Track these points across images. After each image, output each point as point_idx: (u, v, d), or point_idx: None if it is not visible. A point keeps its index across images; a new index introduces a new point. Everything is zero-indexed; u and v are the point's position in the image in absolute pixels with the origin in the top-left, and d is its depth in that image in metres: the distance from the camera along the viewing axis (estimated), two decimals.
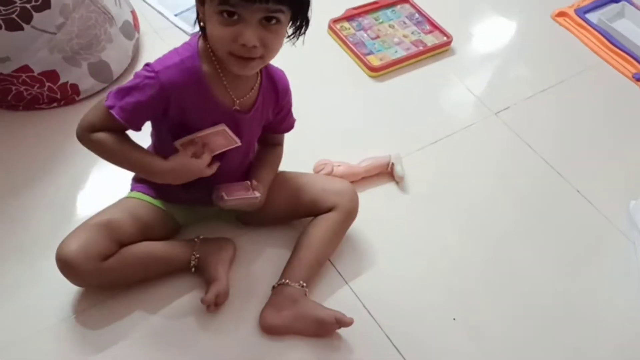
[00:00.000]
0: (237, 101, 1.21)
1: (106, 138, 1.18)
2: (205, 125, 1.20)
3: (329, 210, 1.37)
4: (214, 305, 1.27)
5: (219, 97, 1.19)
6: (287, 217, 1.45)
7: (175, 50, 1.18)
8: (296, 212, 1.43)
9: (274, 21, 1.08)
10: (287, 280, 1.30)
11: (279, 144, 1.42)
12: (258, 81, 1.24)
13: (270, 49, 1.12)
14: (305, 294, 1.31)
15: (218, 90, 1.18)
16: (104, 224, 1.23)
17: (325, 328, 1.28)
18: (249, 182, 1.30)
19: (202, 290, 1.30)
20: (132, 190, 1.37)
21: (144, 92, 1.14)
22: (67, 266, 1.18)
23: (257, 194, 1.28)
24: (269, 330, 1.28)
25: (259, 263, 1.40)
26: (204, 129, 1.20)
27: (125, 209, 1.29)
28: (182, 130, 1.21)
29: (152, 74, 1.13)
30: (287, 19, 1.10)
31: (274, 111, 1.32)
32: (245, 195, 1.28)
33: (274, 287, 1.32)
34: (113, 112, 1.14)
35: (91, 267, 1.18)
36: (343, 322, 1.26)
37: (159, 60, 1.16)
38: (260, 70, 1.25)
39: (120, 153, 1.20)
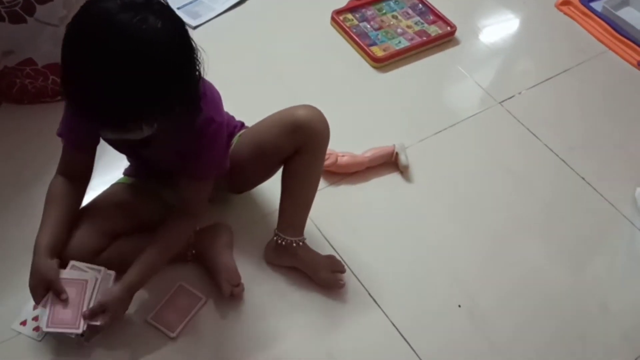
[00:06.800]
0: None
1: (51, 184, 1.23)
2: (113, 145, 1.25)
3: (296, 150, 1.26)
4: (235, 292, 1.29)
5: None
6: (264, 173, 1.40)
7: None
8: (269, 164, 1.35)
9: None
10: (285, 239, 1.32)
11: (186, 213, 1.25)
12: None
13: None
14: (303, 243, 1.34)
15: None
16: (90, 220, 1.25)
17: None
18: (85, 310, 1.16)
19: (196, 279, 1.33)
20: (123, 175, 1.40)
21: (67, 112, 1.19)
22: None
23: (80, 330, 1.14)
24: (271, 264, 1.38)
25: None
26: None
27: (110, 197, 1.31)
28: None
29: None
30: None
31: (184, 145, 1.19)
32: (67, 328, 1.15)
33: (275, 235, 1.34)
34: (62, 139, 1.22)
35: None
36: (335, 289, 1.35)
37: None
38: None
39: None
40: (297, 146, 1.26)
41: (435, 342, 1.33)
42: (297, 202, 1.33)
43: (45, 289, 1.15)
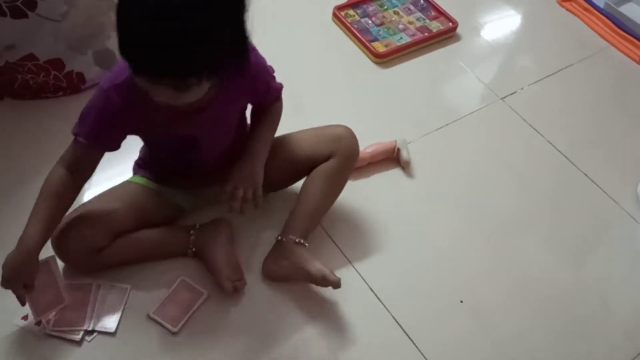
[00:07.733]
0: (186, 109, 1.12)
1: (52, 174, 1.18)
2: (162, 136, 1.23)
3: (328, 158, 1.35)
4: (237, 285, 1.30)
5: (167, 108, 1.09)
6: (289, 179, 1.44)
7: (123, 64, 1.06)
8: (297, 172, 1.40)
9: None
10: (287, 236, 1.32)
11: (276, 100, 1.35)
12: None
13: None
14: (305, 247, 1.33)
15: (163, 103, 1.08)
16: (100, 218, 1.25)
17: (315, 282, 1.30)
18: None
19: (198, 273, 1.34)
20: (134, 174, 1.38)
21: (100, 110, 1.14)
22: (63, 256, 1.24)
23: (87, 327, 1.22)
24: (269, 277, 1.35)
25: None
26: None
27: (123, 196, 1.31)
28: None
29: (102, 93, 1.12)
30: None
31: (250, 94, 1.27)
32: (73, 327, 1.22)
33: (276, 239, 1.35)
34: (80, 138, 1.15)
35: (86, 259, 1.24)
36: (329, 281, 1.26)
37: (108, 78, 1.13)
38: None
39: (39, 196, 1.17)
40: (333, 152, 1.35)
41: (439, 340, 1.33)
42: (310, 208, 1.35)
43: (23, 285, 1.14)
